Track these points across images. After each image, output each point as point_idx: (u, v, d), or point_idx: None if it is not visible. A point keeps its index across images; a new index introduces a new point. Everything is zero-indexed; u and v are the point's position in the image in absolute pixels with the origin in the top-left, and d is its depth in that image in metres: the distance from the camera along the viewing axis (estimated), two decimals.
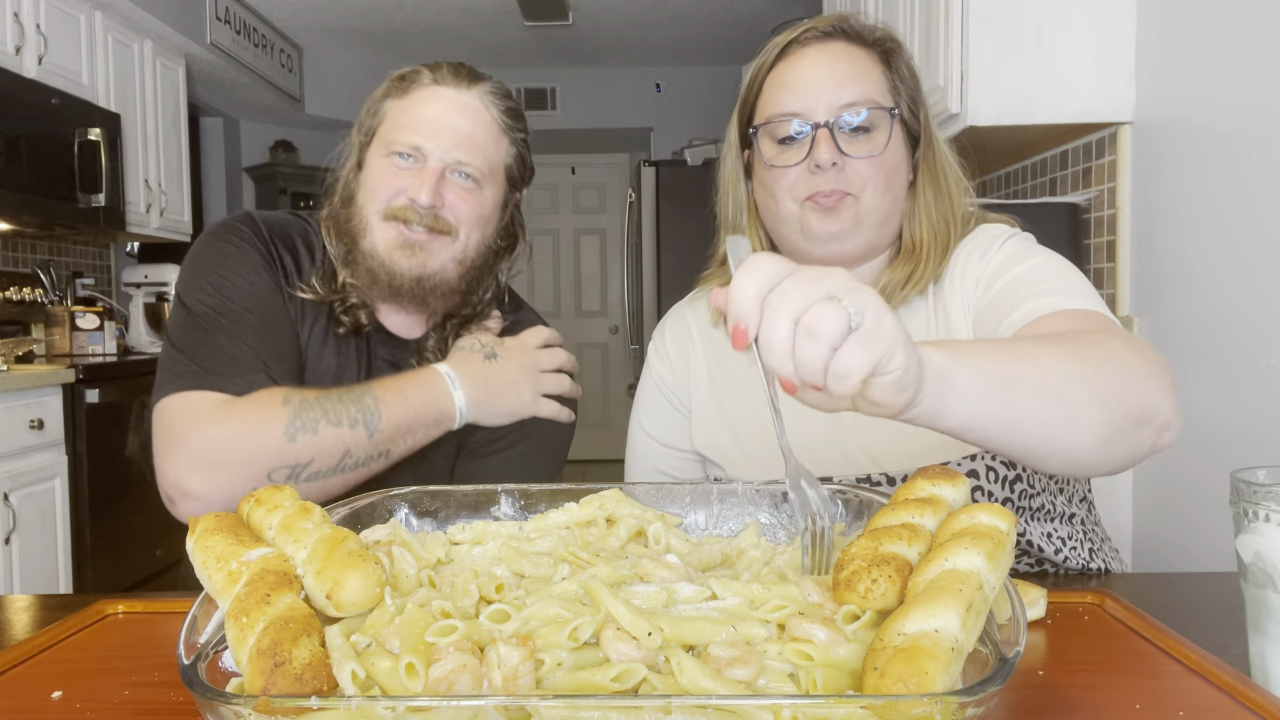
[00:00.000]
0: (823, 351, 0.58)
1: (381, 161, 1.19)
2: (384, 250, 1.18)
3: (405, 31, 5.50)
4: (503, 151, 1.24)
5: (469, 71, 1.23)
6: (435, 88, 1.20)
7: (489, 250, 1.26)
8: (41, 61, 3.40)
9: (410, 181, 1.17)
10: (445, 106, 1.19)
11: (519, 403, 1.21)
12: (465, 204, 1.19)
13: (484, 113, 1.21)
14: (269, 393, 1.10)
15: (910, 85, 1.12)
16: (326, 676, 0.51)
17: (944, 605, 0.50)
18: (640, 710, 0.46)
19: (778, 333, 0.58)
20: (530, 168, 1.30)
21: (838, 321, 0.58)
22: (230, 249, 1.20)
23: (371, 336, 1.26)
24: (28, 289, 3.87)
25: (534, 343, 1.25)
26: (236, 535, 0.61)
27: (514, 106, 1.25)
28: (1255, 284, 1.78)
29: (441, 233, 1.18)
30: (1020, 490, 1.07)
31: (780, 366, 0.60)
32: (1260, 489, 0.64)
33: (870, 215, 1.08)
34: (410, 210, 1.17)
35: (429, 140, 1.17)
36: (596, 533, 0.78)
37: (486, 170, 1.21)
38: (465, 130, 1.19)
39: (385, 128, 1.21)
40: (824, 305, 0.58)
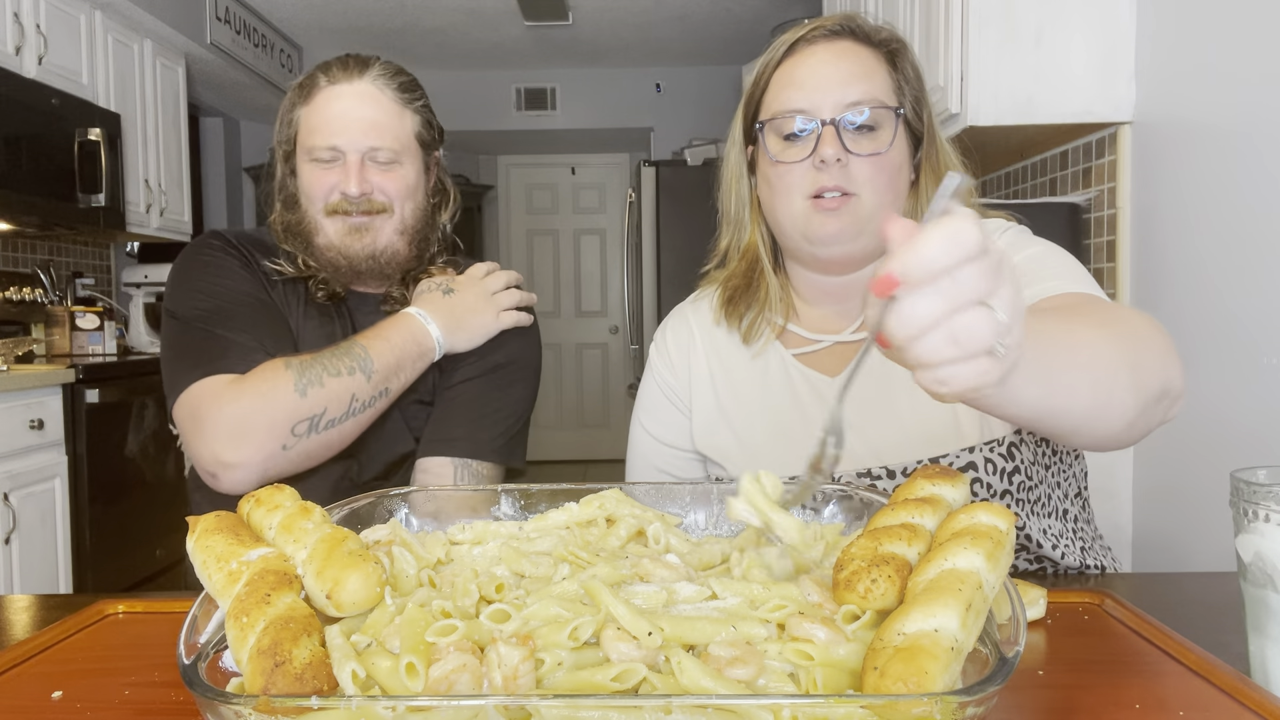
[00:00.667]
0: (951, 355, 0.55)
1: (308, 167, 1.33)
2: (337, 240, 1.32)
3: (405, 32, 5.50)
4: (408, 124, 1.35)
5: (356, 61, 1.34)
6: (331, 88, 1.32)
7: (425, 212, 1.39)
8: (41, 61, 3.40)
9: (337, 177, 1.31)
10: (345, 102, 1.31)
11: (484, 324, 1.36)
12: (391, 181, 1.33)
13: (380, 95, 1.33)
14: (271, 363, 1.23)
15: (915, 86, 1.13)
16: (327, 676, 0.51)
17: (943, 605, 0.50)
18: (640, 710, 0.46)
19: (924, 313, 0.53)
20: (437, 128, 1.42)
21: (983, 342, 0.54)
22: (208, 260, 1.34)
23: (346, 301, 1.40)
24: (28, 289, 3.87)
25: (480, 273, 1.41)
26: (237, 535, 0.61)
27: (407, 80, 1.37)
28: (1255, 283, 1.78)
29: (378, 212, 1.32)
30: (1018, 483, 1.07)
31: (903, 338, 0.55)
32: (1260, 489, 0.64)
33: (873, 216, 1.09)
34: (345, 202, 1.31)
35: (340, 138, 1.30)
36: (596, 532, 0.78)
37: (399, 147, 1.33)
38: (369, 118, 1.31)
39: (302, 135, 1.33)
40: (982, 317, 0.53)
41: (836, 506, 0.79)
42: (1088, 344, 0.76)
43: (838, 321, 1.19)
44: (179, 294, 1.32)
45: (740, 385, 1.22)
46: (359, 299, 1.42)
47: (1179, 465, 2.03)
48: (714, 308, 1.26)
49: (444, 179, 1.46)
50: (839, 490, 0.80)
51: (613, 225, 7.11)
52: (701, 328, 1.28)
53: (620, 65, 6.35)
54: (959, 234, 0.52)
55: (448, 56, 6.09)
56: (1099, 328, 0.80)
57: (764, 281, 1.21)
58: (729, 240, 1.24)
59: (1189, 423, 1.95)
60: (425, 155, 1.39)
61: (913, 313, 0.53)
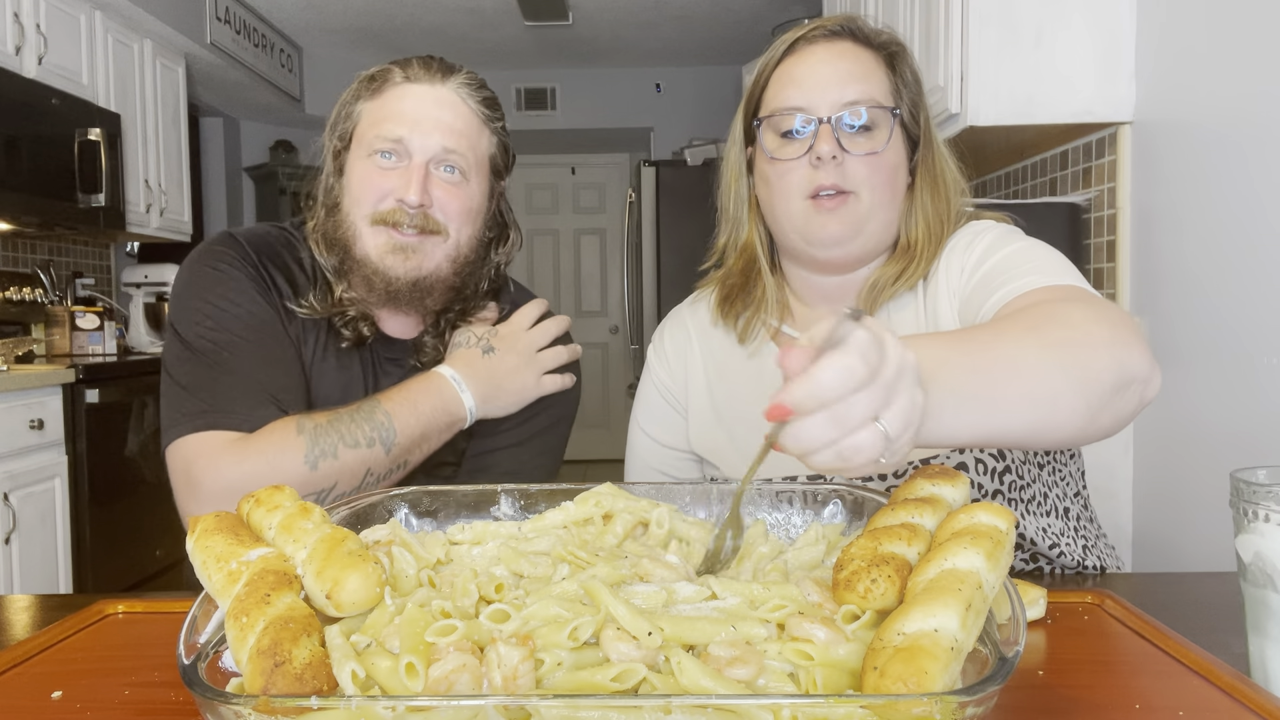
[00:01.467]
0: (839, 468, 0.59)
1: (363, 164, 1.17)
2: (376, 256, 1.16)
3: (405, 31, 5.50)
4: (485, 142, 1.22)
5: (440, 64, 1.20)
6: (408, 85, 1.18)
7: (480, 244, 1.25)
8: (41, 61, 3.40)
9: (395, 182, 1.14)
10: (422, 101, 1.16)
11: (523, 389, 1.22)
12: (454, 200, 1.17)
13: (462, 105, 1.19)
14: (283, 424, 1.09)
15: (913, 89, 1.14)
16: (326, 676, 0.51)
17: (943, 605, 0.50)
18: (640, 710, 0.46)
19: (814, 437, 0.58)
20: (512, 155, 1.29)
21: (869, 456, 0.58)
22: (221, 275, 1.18)
23: (373, 344, 1.24)
24: (28, 289, 3.87)
25: (525, 324, 1.25)
26: (236, 535, 0.61)
27: (490, 96, 1.23)
28: (1255, 284, 1.78)
29: (432, 233, 1.16)
30: (1010, 482, 1.08)
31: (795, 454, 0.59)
32: (1260, 489, 0.64)
33: (871, 216, 1.09)
34: (399, 212, 1.15)
35: (411, 131, 1.14)
36: (594, 530, 0.78)
37: (473, 161, 1.19)
38: (447, 121, 1.16)
39: (362, 128, 1.18)
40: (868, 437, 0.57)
41: (836, 506, 0.79)
42: (1018, 359, 0.75)
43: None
44: (186, 310, 1.17)
45: (736, 387, 1.22)
46: (386, 344, 1.25)
47: (1179, 465, 2.03)
48: (711, 307, 1.26)
49: (505, 213, 1.32)
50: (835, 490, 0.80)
51: (613, 225, 7.11)
52: (699, 330, 1.28)
53: (620, 65, 6.35)
54: (849, 369, 0.56)
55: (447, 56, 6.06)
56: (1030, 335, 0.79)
57: (760, 281, 1.21)
58: (727, 238, 1.25)
59: (1189, 423, 1.95)
60: (493, 181, 1.26)
61: (804, 437, 0.58)
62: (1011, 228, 1.15)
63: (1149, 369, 0.81)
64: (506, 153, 1.27)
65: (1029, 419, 0.74)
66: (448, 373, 1.18)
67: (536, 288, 7.25)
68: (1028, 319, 0.84)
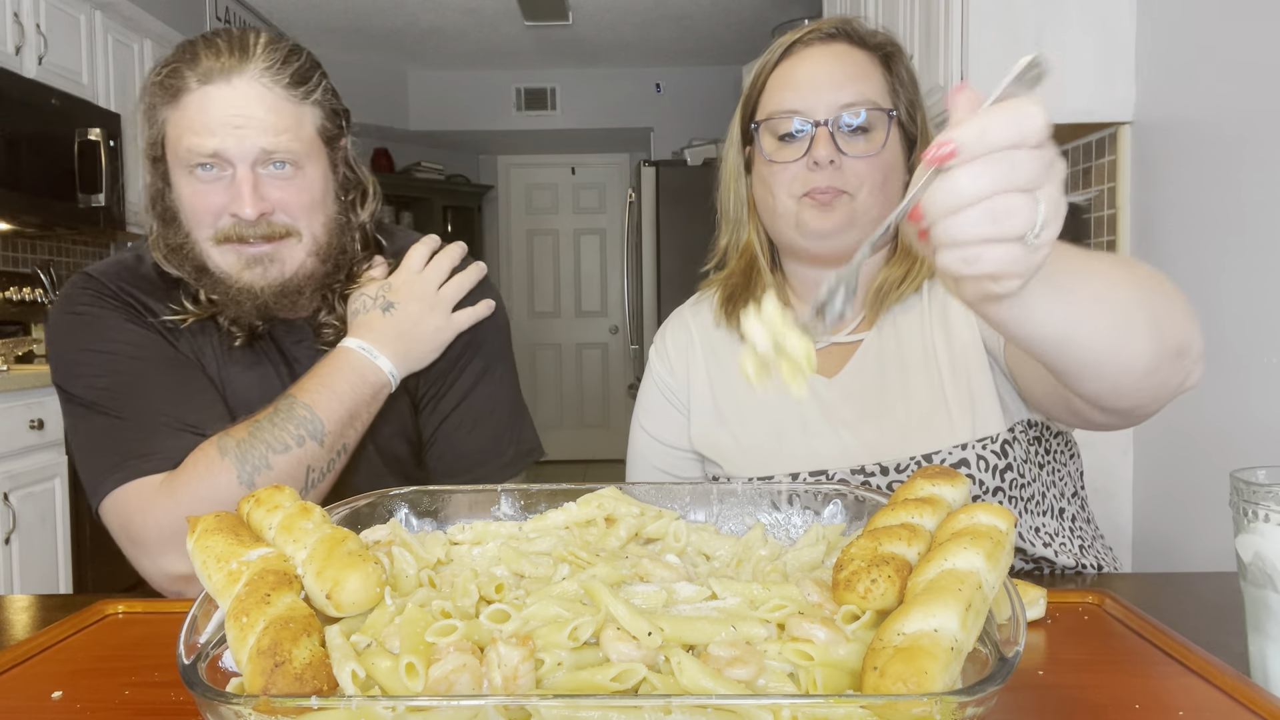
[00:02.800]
0: (985, 234, 0.55)
1: (185, 180, 1.08)
2: (234, 275, 1.09)
3: (405, 31, 5.50)
4: (308, 120, 1.10)
5: (232, 50, 1.07)
6: (205, 89, 1.05)
7: (339, 221, 1.16)
8: (41, 61, 3.40)
9: (224, 197, 1.06)
10: (227, 105, 1.05)
11: (437, 333, 1.17)
12: (293, 196, 1.09)
13: (269, 95, 1.07)
14: (203, 450, 1.03)
15: (909, 89, 1.14)
16: (327, 676, 0.51)
17: (943, 605, 0.50)
18: (640, 710, 0.46)
19: (971, 188, 0.53)
20: (342, 113, 1.17)
21: (1020, 226, 0.54)
22: (86, 318, 1.12)
23: (271, 332, 1.19)
24: (28, 289, 3.87)
25: (417, 268, 1.19)
26: (236, 535, 0.61)
27: (299, 67, 1.10)
28: (1255, 284, 1.78)
29: (282, 238, 1.09)
30: (1011, 480, 1.08)
31: (943, 209, 0.55)
32: (1260, 489, 0.64)
33: (864, 214, 1.10)
34: (240, 227, 1.07)
35: (224, 141, 1.04)
36: (596, 532, 0.78)
37: (302, 149, 1.09)
38: (259, 119, 1.05)
39: (171, 139, 1.08)
40: (1024, 202, 0.54)
41: (836, 506, 0.79)
42: (1108, 278, 0.73)
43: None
44: (65, 367, 1.10)
45: (737, 386, 1.23)
46: (286, 328, 1.20)
47: (1179, 465, 2.03)
48: (714, 308, 1.27)
49: (358, 170, 1.21)
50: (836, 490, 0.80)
51: (613, 225, 7.11)
52: (701, 330, 1.29)
53: (620, 65, 6.35)
54: (1025, 118, 0.52)
55: (447, 56, 6.09)
56: (1120, 268, 0.77)
57: (761, 281, 1.22)
58: (727, 239, 1.26)
59: (1189, 423, 1.95)
60: (331, 152, 1.15)
61: (961, 186, 0.53)
62: None
63: (1201, 352, 0.81)
64: (336, 115, 1.16)
65: (1106, 336, 0.72)
66: (354, 344, 1.12)
67: (537, 287, 7.27)
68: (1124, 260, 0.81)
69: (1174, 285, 0.82)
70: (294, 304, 1.14)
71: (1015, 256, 0.56)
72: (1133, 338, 0.74)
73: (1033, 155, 0.53)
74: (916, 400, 1.10)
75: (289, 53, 1.10)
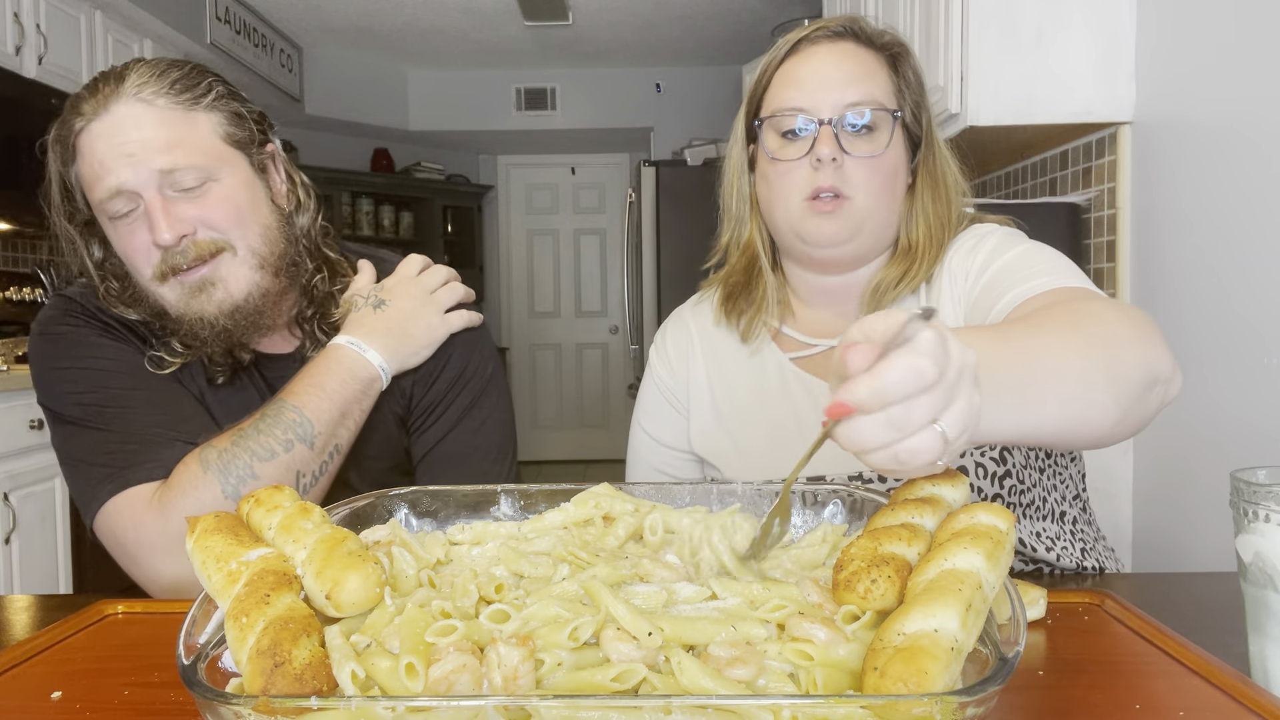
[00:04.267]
0: (894, 470, 0.58)
1: (112, 229, 1.06)
2: (184, 308, 1.06)
3: (405, 31, 5.50)
4: (204, 129, 1.05)
5: (105, 79, 1.04)
6: (90, 126, 1.02)
7: (281, 229, 1.12)
8: (41, 61, 3.40)
9: (146, 233, 1.03)
10: (112, 136, 1.01)
11: (430, 329, 1.15)
12: (213, 210, 1.04)
13: (150, 110, 1.02)
14: (185, 465, 1.00)
15: (915, 90, 1.14)
16: (326, 676, 0.51)
17: (943, 605, 0.50)
18: (640, 710, 0.46)
19: (873, 439, 0.56)
20: (254, 117, 1.12)
21: (927, 458, 0.56)
22: (68, 337, 1.10)
23: (258, 367, 1.17)
24: (28, 289, 3.87)
25: (413, 272, 1.19)
26: (236, 535, 0.61)
27: (179, 76, 1.05)
28: (1255, 284, 1.78)
29: (216, 254, 1.05)
30: (1010, 486, 1.08)
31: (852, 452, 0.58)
32: (1260, 489, 0.64)
33: (867, 219, 1.09)
34: (171, 256, 1.03)
35: (119, 174, 1.01)
36: (594, 532, 0.78)
37: (206, 160, 1.04)
38: (146, 139, 1.01)
39: (90, 195, 1.05)
40: (927, 439, 0.56)
41: (837, 506, 0.79)
42: (1054, 357, 0.75)
43: (835, 324, 1.20)
44: (50, 386, 1.09)
45: (737, 388, 1.22)
46: (269, 362, 1.17)
47: (1179, 465, 2.03)
48: (714, 307, 1.26)
49: (291, 174, 1.16)
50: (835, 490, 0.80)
51: (613, 225, 7.11)
52: (701, 330, 1.28)
53: (620, 65, 6.34)
54: (917, 371, 0.54)
55: (447, 56, 6.09)
56: (1067, 333, 0.79)
57: (761, 280, 1.21)
58: (729, 236, 1.25)
59: (1189, 423, 1.95)
60: (249, 158, 1.09)
61: (862, 436, 0.56)
62: (1014, 230, 1.15)
63: (1171, 368, 0.81)
64: (243, 120, 1.09)
65: (1065, 418, 0.74)
66: (344, 340, 1.10)
67: (537, 287, 7.27)
68: (1060, 315, 0.83)
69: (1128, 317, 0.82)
70: (257, 325, 1.10)
71: (934, 463, 0.57)
72: (1092, 404, 0.75)
73: (929, 396, 0.55)
74: None
75: (166, 67, 1.06)
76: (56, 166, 1.08)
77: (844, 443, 0.57)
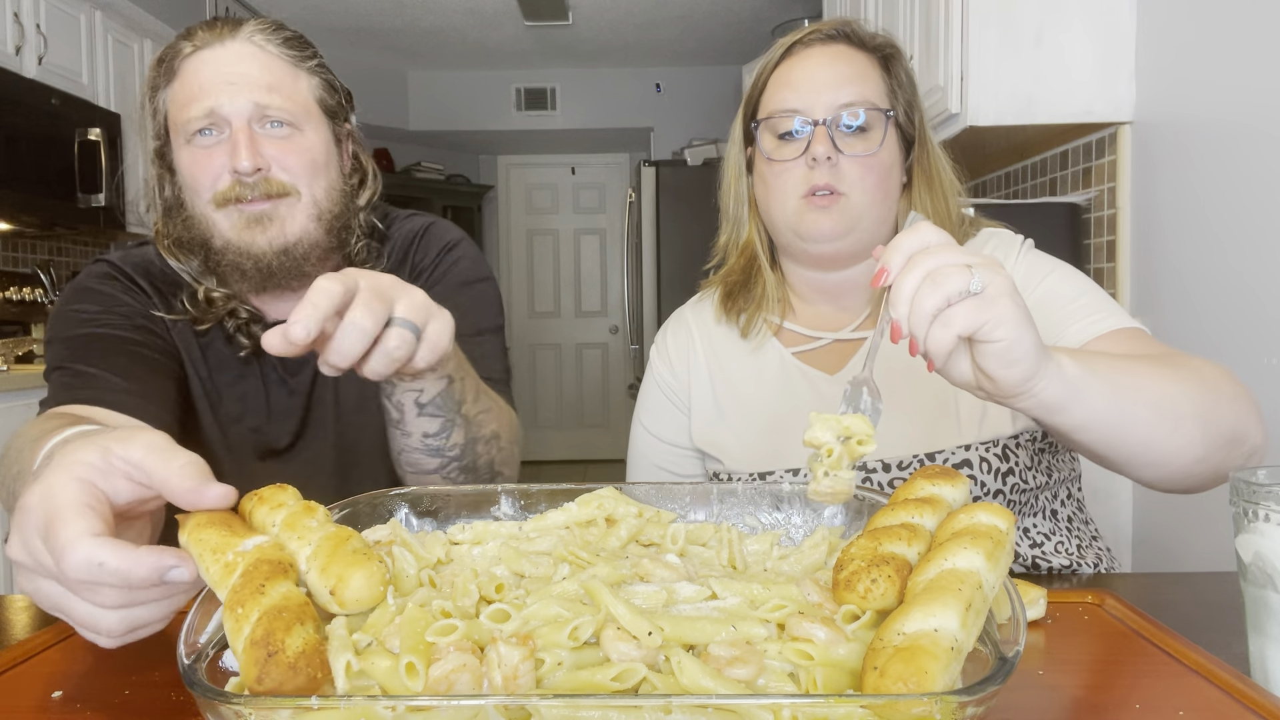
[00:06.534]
0: (937, 300, 0.67)
1: (186, 151, 1.09)
2: (235, 237, 1.08)
3: (405, 32, 5.50)
4: (304, 85, 1.12)
5: (225, 21, 1.11)
6: (200, 53, 1.08)
7: (342, 194, 1.15)
8: (41, 61, 3.40)
9: (223, 156, 1.06)
10: (219, 64, 1.07)
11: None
12: (290, 154, 1.08)
13: (262, 54, 1.09)
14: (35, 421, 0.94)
15: (908, 91, 1.16)
16: (321, 664, 0.51)
17: (943, 605, 0.50)
18: (640, 710, 0.46)
19: (908, 280, 0.68)
20: (344, 93, 1.18)
21: (960, 280, 0.67)
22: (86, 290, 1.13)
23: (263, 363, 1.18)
24: (28, 289, 3.87)
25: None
26: (229, 527, 0.60)
27: (293, 35, 1.13)
28: (1255, 283, 1.78)
29: (280, 196, 1.08)
30: (1012, 484, 1.09)
31: (899, 307, 0.69)
32: (1260, 489, 0.64)
33: (863, 215, 1.12)
34: (238, 185, 1.06)
35: (218, 99, 1.05)
36: (596, 532, 0.78)
37: (298, 110, 1.10)
38: (252, 76, 1.07)
39: (172, 115, 1.10)
40: (955, 266, 0.67)
41: (836, 507, 0.79)
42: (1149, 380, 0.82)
43: (835, 319, 1.21)
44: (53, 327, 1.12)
45: (738, 383, 1.23)
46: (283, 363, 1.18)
47: None
48: (715, 305, 1.28)
49: (361, 156, 1.22)
50: None
51: (613, 225, 7.11)
52: (701, 328, 1.29)
53: (620, 65, 6.35)
54: (918, 227, 0.71)
55: (447, 56, 6.09)
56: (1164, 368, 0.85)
57: (761, 279, 1.23)
58: (728, 237, 1.27)
59: None
60: (333, 126, 1.16)
61: (900, 282, 0.70)
62: (1029, 242, 1.18)
63: (1260, 440, 0.89)
64: (336, 91, 1.16)
65: (1150, 426, 0.81)
66: None
67: (537, 288, 7.27)
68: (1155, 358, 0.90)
69: (1231, 380, 0.89)
70: (297, 272, 1.11)
71: (975, 306, 0.68)
72: (1180, 425, 0.82)
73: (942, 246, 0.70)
74: (921, 399, 1.11)
75: (282, 25, 1.13)
76: (150, 88, 1.12)
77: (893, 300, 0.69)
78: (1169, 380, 0.83)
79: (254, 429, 1.21)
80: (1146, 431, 0.81)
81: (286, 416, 1.21)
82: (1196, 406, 0.83)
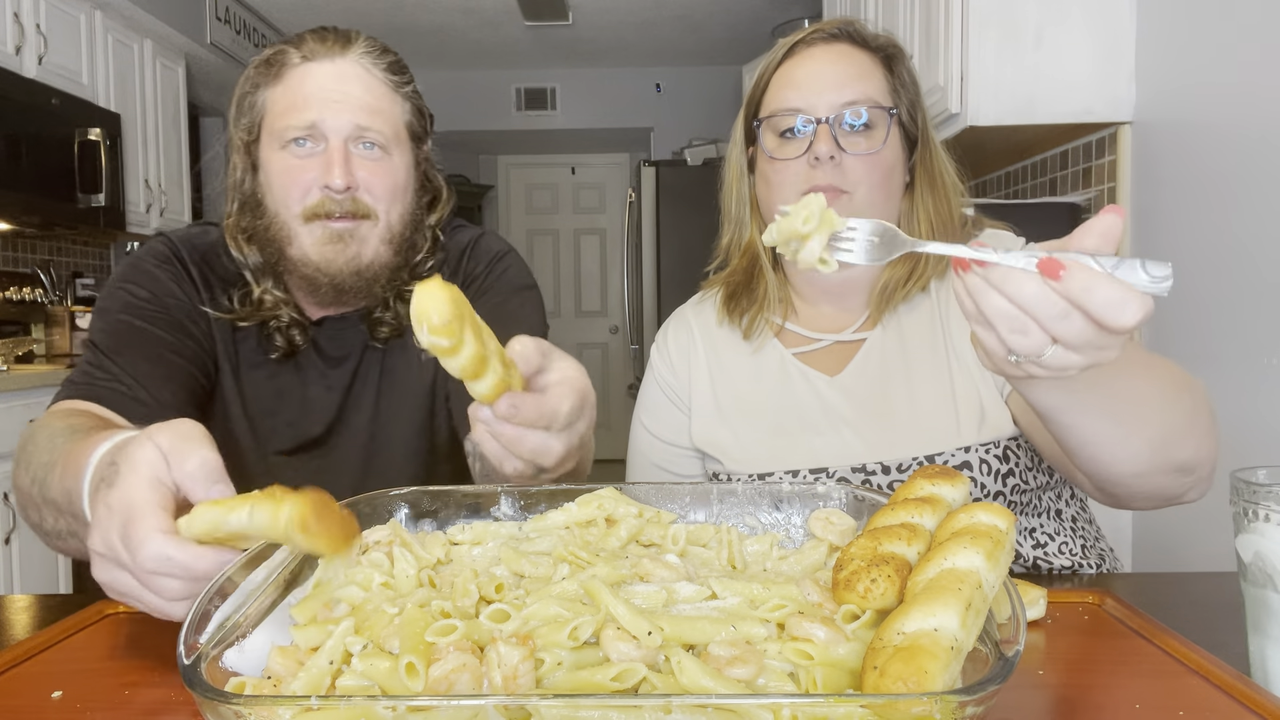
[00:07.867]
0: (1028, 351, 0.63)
1: (279, 156, 1.12)
2: (315, 252, 1.11)
3: (405, 32, 5.50)
4: (399, 110, 1.16)
5: (337, 35, 1.15)
6: (309, 64, 1.12)
7: (413, 215, 1.20)
8: (41, 61, 3.40)
9: (317, 169, 1.10)
10: (327, 79, 1.11)
11: None
12: (378, 178, 1.12)
13: (368, 76, 1.13)
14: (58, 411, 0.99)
15: (910, 90, 1.16)
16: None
17: (943, 604, 0.50)
18: (640, 709, 0.46)
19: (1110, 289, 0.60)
20: (428, 116, 1.23)
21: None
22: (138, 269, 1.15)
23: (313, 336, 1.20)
24: (28, 289, 3.87)
25: None
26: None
27: (395, 60, 1.18)
28: (1255, 284, 1.78)
29: (363, 217, 1.12)
30: (1013, 485, 1.08)
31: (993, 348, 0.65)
32: (1260, 489, 0.64)
33: (865, 213, 1.10)
34: (328, 201, 1.10)
35: (322, 113, 1.09)
36: (596, 533, 0.77)
37: (391, 134, 1.14)
38: (356, 96, 1.11)
39: (270, 118, 1.13)
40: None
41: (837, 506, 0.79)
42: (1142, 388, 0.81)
43: (837, 320, 1.21)
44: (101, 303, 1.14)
45: (739, 383, 1.23)
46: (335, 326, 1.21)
47: None
48: (716, 306, 1.27)
49: (433, 175, 1.27)
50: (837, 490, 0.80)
51: (613, 225, 7.11)
52: (702, 328, 1.29)
53: (620, 65, 6.34)
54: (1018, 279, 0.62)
55: (447, 56, 6.09)
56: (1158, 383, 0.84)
57: (763, 279, 1.23)
58: (730, 238, 1.27)
59: None
60: (415, 149, 1.21)
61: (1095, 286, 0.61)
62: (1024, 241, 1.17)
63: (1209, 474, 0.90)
64: (422, 116, 1.21)
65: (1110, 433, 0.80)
66: None
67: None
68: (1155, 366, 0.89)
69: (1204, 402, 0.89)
70: (364, 291, 1.15)
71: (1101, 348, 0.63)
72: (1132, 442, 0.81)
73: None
74: (921, 400, 1.10)
75: (385, 49, 1.18)
76: (249, 84, 1.15)
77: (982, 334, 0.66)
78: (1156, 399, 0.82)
79: (289, 423, 1.22)
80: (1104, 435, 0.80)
81: (322, 411, 1.22)
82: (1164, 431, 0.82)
